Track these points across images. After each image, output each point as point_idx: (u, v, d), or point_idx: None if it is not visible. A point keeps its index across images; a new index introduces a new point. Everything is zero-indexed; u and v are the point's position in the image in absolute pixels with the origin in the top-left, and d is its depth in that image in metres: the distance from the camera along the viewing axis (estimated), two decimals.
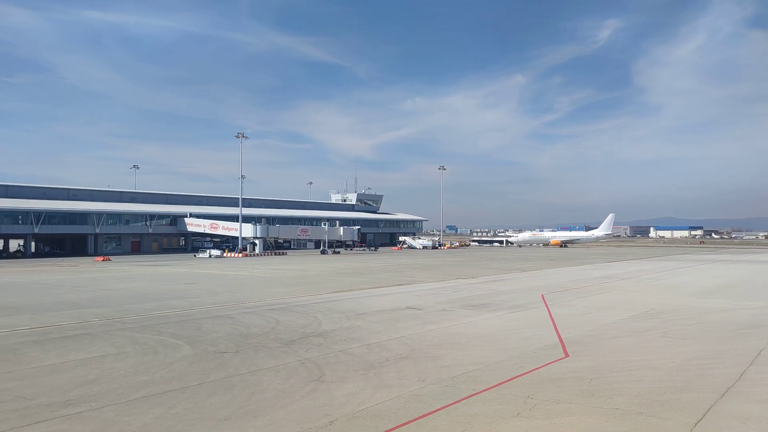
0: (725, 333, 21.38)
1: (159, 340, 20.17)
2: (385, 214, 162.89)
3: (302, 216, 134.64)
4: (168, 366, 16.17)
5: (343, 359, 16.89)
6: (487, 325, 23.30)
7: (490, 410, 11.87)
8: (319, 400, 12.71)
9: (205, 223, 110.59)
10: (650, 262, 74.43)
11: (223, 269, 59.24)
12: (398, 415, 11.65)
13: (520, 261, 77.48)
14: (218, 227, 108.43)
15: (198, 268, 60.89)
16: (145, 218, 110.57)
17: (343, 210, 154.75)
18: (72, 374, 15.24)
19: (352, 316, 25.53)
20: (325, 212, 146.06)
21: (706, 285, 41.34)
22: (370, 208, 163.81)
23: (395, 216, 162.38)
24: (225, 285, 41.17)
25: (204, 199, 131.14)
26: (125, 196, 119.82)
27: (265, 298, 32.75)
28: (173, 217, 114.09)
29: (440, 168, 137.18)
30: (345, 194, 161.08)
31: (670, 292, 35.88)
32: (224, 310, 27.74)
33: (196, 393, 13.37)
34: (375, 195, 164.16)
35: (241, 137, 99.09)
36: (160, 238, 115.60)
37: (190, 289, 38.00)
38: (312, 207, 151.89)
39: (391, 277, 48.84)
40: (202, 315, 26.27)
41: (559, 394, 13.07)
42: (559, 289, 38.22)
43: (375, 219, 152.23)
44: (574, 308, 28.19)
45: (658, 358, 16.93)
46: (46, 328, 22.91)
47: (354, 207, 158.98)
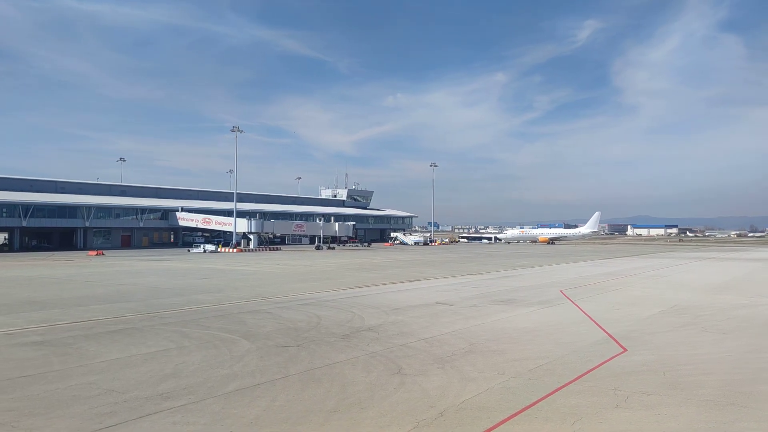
0: (760, 328, 22.00)
1: (211, 334, 20.24)
2: (375, 210, 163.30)
3: (294, 211, 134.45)
4: (239, 360, 16.30)
5: (410, 353, 17.15)
6: (527, 320, 23.70)
7: (587, 402, 12.23)
8: (414, 393, 12.97)
9: (197, 218, 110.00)
10: (643, 260, 75.63)
11: (228, 264, 59.08)
12: (501, 406, 11.96)
13: (517, 258, 78.26)
14: (211, 222, 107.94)
15: (200, 263, 60.65)
16: (135, 212, 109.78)
17: (334, 206, 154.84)
18: (146, 368, 15.30)
19: (388, 311, 25.77)
20: (316, 207, 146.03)
21: (711, 282, 42.25)
22: (360, 204, 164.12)
23: (385, 212, 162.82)
24: (240, 280, 41.15)
25: (194, 194, 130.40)
26: (115, 190, 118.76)
27: (289, 293, 32.85)
28: (164, 211, 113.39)
29: (432, 165, 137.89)
30: (335, 190, 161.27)
31: (682, 289, 36.64)
32: (256, 305, 27.81)
33: (287, 386, 13.55)
34: (365, 191, 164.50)
35: (236, 131, 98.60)
36: (150, 233, 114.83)
37: (207, 284, 37.93)
38: (302, 202, 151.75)
39: (401, 272, 49.14)
40: (237, 310, 26.32)
41: (643, 386, 13.48)
42: (572, 285, 38.82)
43: (365, 215, 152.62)
44: (600, 304, 28.72)
45: (713, 352, 17.46)
46: (86, 322, 22.81)
47: (344, 203, 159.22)
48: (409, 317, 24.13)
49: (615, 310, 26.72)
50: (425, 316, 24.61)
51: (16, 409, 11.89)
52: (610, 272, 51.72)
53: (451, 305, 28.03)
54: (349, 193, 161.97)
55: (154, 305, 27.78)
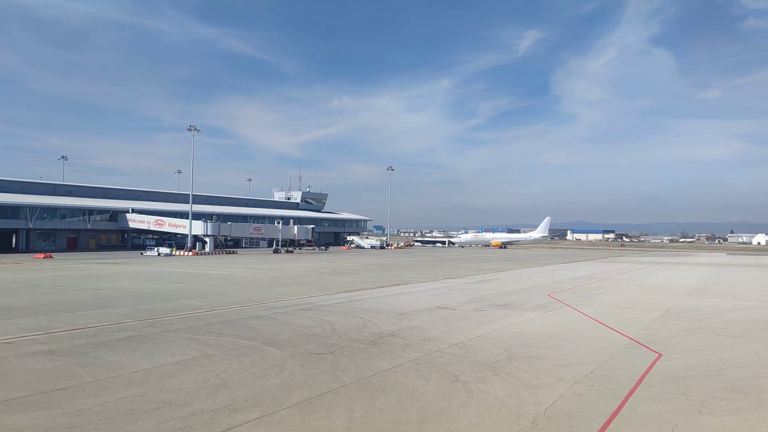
0: (767, 331, 22.72)
1: (230, 341, 19.41)
2: (329, 213, 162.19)
3: (248, 214, 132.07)
4: (281, 368, 15.63)
5: (453, 360, 16.84)
6: (541, 324, 23.76)
7: (669, 408, 12.22)
8: (489, 401, 12.68)
9: (149, 220, 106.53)
10: (602, 264, 77.66)
11: (195, 268, 57.36)
12: (587, 414, 11.80)
13: (481, 262, 79.05)
14: (164, 224, 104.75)
15: (164, 267, 58.68)
16: (83, 213, 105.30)
17: (288, 208, 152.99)
18: (189, 378, 14.47)
19: (396, 316, 25.40)
20: (270, 210, 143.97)
21: (684, 286, 43.63)
22: (314, 206, 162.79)
23: (340, 215, 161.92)
24: (220, 285, 39.91)
25: (144, 194, 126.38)
26: (60, 189, 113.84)
27: (279, 298, 32.01)
28: (113, 212, 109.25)
29: (388, 168, 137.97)
30: (289, 192, 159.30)
31: (662, 293, 37.64)
32: (254, 311, 26.94)
33: (353, 396, 13.03)
34: (319, 194, 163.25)
35: (193, 130, 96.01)
36: (98, 235, 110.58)
37: (188, 289, 36.62)
38: (256, 205, 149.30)
39: (379, 277, 48.77)
40: (237, 315, 25.42)
41: (708, 391, 13.59)
42: (555, 289, 39.32)
43: (320, 218, 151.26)
44: (597, 308, 29.13)
45: (744, 356, 17.85)
46: (85, 330, 21.56)
47: (298, 205, 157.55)
48: (421, 322, 23.81)
49: (616, 314, 27.13)
50: (437, 321, 24.35)
51: (78, 425, 10.98)
52: (581, 276, 52.77)
53: (454, 310, 27.87)
54: (303, 196, 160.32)
55: (147, 311, 26.53)
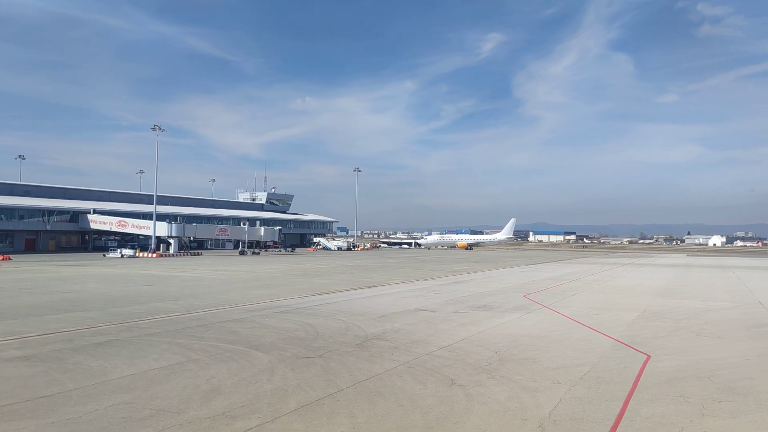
0: (746, 331, 23.16)
1: (214, 345, 18.87)
2: (294, 214, 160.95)
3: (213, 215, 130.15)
4: (272, 373, 15.21)
5: (445, 363, 16.65)
6: (524, 326, 23.76)
7: (671, 410, 12.22)
8: (491, 405, 12.51)
9: (111, 221, 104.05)
10: (569, 266, 78.75)
11: (163, 270, 56.11)
12: (592, 417, 11.72)
13: (451, 263, 79.32)
14: (127, 225, 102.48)
15: (130, 269, 57.28)
16: (42, 214, 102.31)
17: (253, 209, 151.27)
18: (178, 384, 13.94)
19: (377, 319, 25.13)
20: (234, 211, 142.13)
21: (654, 287, 44.41)
22: (279, 207, 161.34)
23: (305, 216, 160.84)
24: (191, 287, 39.04)
25: (105, 195, 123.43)
26: (18, 189, 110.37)
27: (254, 301, 31.39)
28: (74, 213, 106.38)
29: (356, 170, 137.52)
30: (254, 193, 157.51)
31: (634, 294, 38.20)
32: (231, 314, 26.34)
33: (352, 401, 12.71)
34: (285, 195, 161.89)
35: (157, 130, 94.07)
36: (57, 236, 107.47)
37: (158, 292, 35.69)
38: (220, 206, 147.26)
39: (351, 279, 48.43)
40: (215, 319, 24.79)
41: (705, 393, 13.67)
42: (529, 290, 39.55)
43: (285, 219, 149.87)
44: (575, 309, 29.34)
45: (730, 356, 18.09)
46: (59, 334, 20.72)
47: (263, 207, 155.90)
48: (404, 325, 23.59)
49: (594, 315, 27.36)
50: (420, 323, 24.16)
51: None
52: (552, 277, 53.32)
53: (434, 312, 27.73)
54: (268, 197, 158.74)
55: (120, 314, 25.70)
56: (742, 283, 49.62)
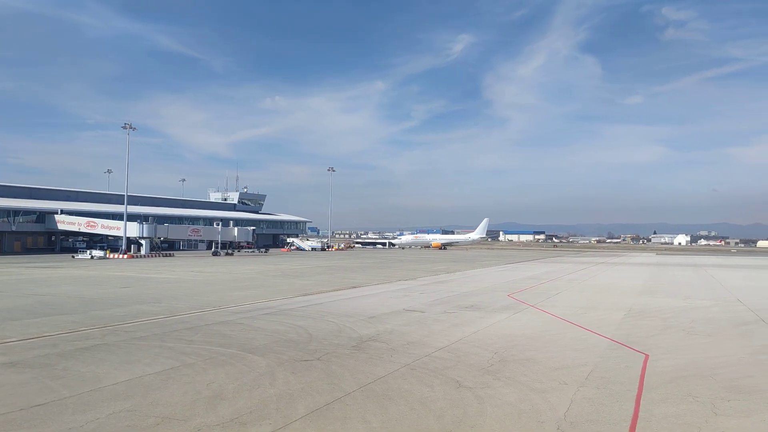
0: (735, 329, 23.44)
1: (206, 349, 18.38)
2: (267, 214, 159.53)
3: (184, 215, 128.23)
4: (273, 377, 14.83)
5: (446, 364, 16.44)
6: (516, 326, 23.71)
7: (684, 410, 12.19)
8: (504, 408, 12.33)
9: (80, 221, 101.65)
10: (545, 265, 79.41)
11: (137, 272, 54.98)
12: (608, 419, 11.63)
13: (428, 263, 79.37)
14: (97, 225, 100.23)
15: (103, 271, 56.00)
16: (7, 214, 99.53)
17: (225, 209, 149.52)
18: (178, 390, 13.47)
19: (368, 320, 24.86)
20: (206, 211, 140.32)
21: (633, 286, 44.92)
22: (252, 207, 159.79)
23: (278, 216, 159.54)
24: (170, 289, 38.25)
25: (73, 195, 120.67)
26: None
27: (238, 303, 30.82)
28: (40, 213, 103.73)
29: (329, 169, 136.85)
30: (226, 193, 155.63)
31: (616, 293, 38.52)
32: (217, 316, 25.79)
33: (362, 406, 12.41)
34: (257, 195, 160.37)
35: (128, 128, 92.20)
36: (23, 237, 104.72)
37: (137, 294, 34.86)
38: (192, 206, 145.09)
39: (331, 279, 48.04)
40: (201, 321, 24.23)
41: (712, 391, 13.70)
42: (512, 290, 39.63)
43: (257, 219, 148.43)
44: (561, 309, 29.44)
45: (725, 355, 18.23)
46: (41, 339, 20.00)
47: (235, 207, 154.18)
48: (396, 326, 23.35)
49: (582, 314, 27.46)
50: (411, 324, 23.95)
51: None
52: (531, 277, 53.63)
53: (423, 312, 27.55)
54: (240, 197, 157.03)
55: (101, 317, 24.97)
56: (717, 282, 50.55)
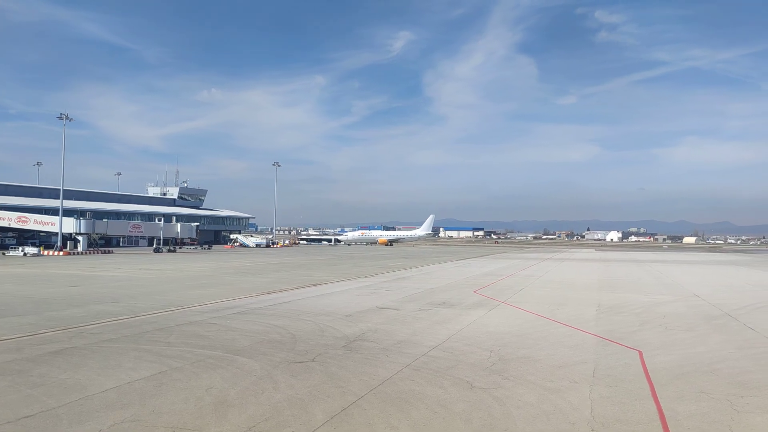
0: (706, 324, 23.97)
1: (189, 351, 17.35)
2: (208, 210, 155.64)
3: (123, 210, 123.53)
4: (273, 381, 14.02)
5: (448, 364, 16.01)
6: (496, 323, 23.53)
7: (703, 408, 12.13)
8: (527, 410, 11.98)
9: (10, 216, 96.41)
10: (495, 261, 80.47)
11: (81, 269, 52.40)
12: (634, 418, 11.44)
13: (381, 259, 79.08)
14: (29, 221, 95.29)
15: (44, 269, 53.10)
16: None
17: (164, 204, 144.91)
18: (177, 397, 12.51)
19: (345, 319, 24.22)
20: (144, 206, 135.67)
21: (589, 281, 45.82)
22: (192, 203, 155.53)
23: (220, 212, 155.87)
24: (124, 288, 36.44)
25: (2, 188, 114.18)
26: None
27: (202, 302, 29.50)
28: None
29: (274, 164, 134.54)
30: (165, 188, 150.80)
31: (577, 289, 39.12)
32: (186, 316, 24.57)
33: (381, 410, 11.81)
34: (198, 189, 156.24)
35: (64, 119, 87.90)
36: None
37: (90, 293, 33.01)
38: (128, 200, 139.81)
39: (290, 277, 47.02)
40: (171, 322, 22.99)
41: (720, 387, 13.76)
42: (475, 286, 39.71)
43: (198, 215, 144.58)
44: (533, 305, 29.53)
45: (715, 350, 18.47)
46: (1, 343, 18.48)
47: (175, 202, 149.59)
48: (377, 325, 22.81)
49: (556, 310, 27.63)
50: (392, 322, 23.46)
51: None
52: (487, 273, 54.06)
53: (398, 310, 27.10)
54: (180, 192, 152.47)
55: (59, 319, 23.39)
56: (665, 277, 52.30)
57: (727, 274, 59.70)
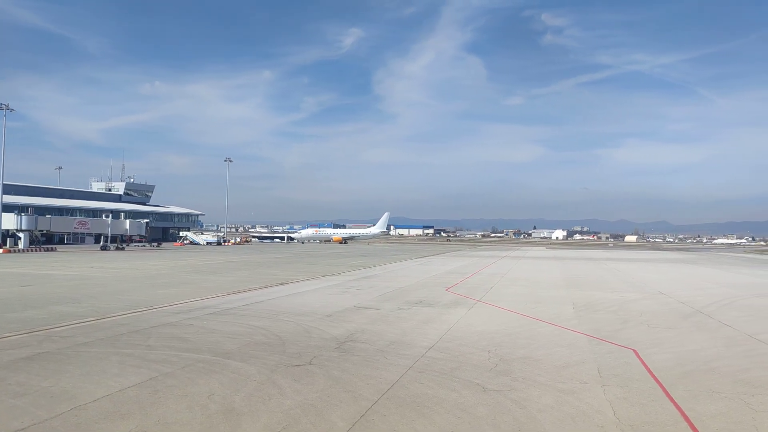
0: (684, 321, 24.35)
1: (174, 355, 16.42)
2: (156, 206, 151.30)
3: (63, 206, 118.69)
4: (276, 386, 13.30)
5: (452, 366, 15.61)
6: (481, 322, 23.28)
7: (721, 408, 12.05)
8: (551, 413, 11.67)
9: None
10: (454, 259, 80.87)
11: (28, 268, 49.94)
12: (659, 419, 11.28)
13: (340, 257, 78.35)
14: None
15: None
16: None
17: (109, 200, 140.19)
18: (180, 405, 11.69)
19: (326, 318, 23.58)
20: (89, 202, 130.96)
21: (553, 279, 46.28)
22: (138, 199, 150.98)
23: (168, 209, 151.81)
24: (82, 287, 34.73)
25: None
26: None
27: (170, 302, 28.22)
28: None
29: (226, 159, 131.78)
30: (110, 183, 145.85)
31: (543, 287, 39.30)
32: (158, 317, 23.43)
33: (402, 416, 11.30)
34: (145, 185, 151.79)
35: (5, 109, 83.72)
36: None
37: (46, 293, 31.26)
38: (71, 196, 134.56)
39: (253, 276, 45.88)
40: (144, 324, 21.83)
41: (727, 386, 13.79)
42: (444, 284, 39.55)
43: (146, 211, 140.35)
44: (509, 303, 29.47)
45: (705, 348, 18.62)
46: None
47: (121, 198, 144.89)
48: (362, 325, 22.25)
49: (533, 308, 27.64)
50: (376, 322, 22.94)
51: None
52: (450, 271, 54.09)
53: (378, 309, 26.60)
54: (127, 187, 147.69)
55: (20, 321, 21.97)
56: (625, 274, 53.53)
57: (680, 271, 61.55)
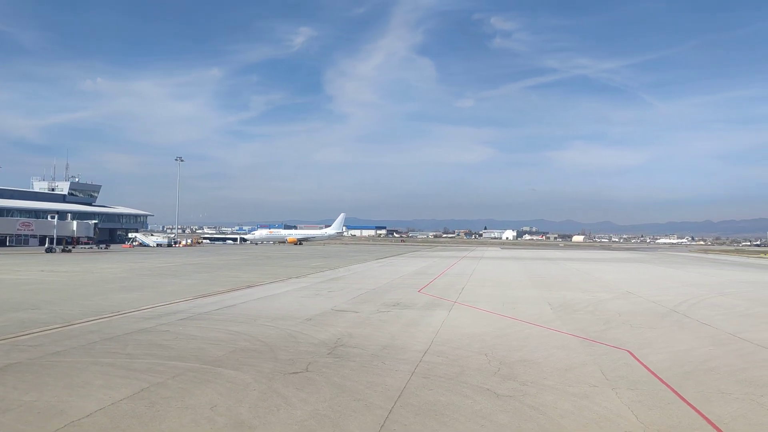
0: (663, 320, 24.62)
1: (161, 364, 15.51)
2: (102, 207, 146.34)
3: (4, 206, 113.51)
4: (280, 396, 12.62)
5: (455, 371, 15.20)
6: (466, 324, 22.98)
7: (736, 409, 11.99)
8: (574, 418, 11.39)
9: None
10: (415, 259, 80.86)
11: None
12: (682, 423, 11.15)
13: (299, 259, 77.27)
14: None
15: None
16: None
17: (53, 201, 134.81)
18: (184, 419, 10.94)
19: (306, 322, 22.88)
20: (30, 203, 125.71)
21: (520, 280, 46.55)
22: (84, 199, 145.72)
23: (115, 210, 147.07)
24: (37, 292, 32.95)
25: None
26: None
27: (136, 307, 26.95)
28: None
29: (177, 159, 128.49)
30: (53, 182, 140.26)
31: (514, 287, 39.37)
32: (129, 323, 22.28)
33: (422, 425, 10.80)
34: (92, 185, 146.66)
35: None
36: None
37: None
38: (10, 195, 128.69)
39: (215, 278, 44.56)
40: (117, 330, 20.64)
41: (734, 387, 13.80)
42: (415, 285, 39.22)
43: (92, 212, 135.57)
44: (487, 304, 29.28)
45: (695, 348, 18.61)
46: None
47: (65, 198, 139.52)
48: (346, 328, 21.64)
49: (513, 309, 27.54)
50: (361, 326, 22.37)
51: None
52: (415, 272, 53.86)
53: (357, 312, 26.02)
54: (72, 187, 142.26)
55: None
56: (587, 274, 54.38)
57: (639, 270, 63.01)
